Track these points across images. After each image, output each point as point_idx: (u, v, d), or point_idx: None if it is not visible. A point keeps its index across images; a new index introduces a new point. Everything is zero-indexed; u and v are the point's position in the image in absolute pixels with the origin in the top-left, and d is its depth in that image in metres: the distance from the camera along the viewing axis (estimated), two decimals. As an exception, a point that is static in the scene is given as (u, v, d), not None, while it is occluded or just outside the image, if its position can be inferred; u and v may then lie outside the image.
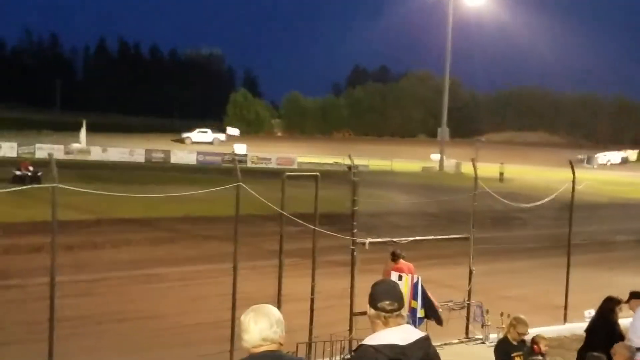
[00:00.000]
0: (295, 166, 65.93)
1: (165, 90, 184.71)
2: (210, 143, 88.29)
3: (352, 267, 13.60)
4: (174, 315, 16.19)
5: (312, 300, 13.17)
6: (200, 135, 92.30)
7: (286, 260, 13.22)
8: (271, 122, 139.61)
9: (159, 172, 53.79)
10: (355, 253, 13.63)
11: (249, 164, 64.27)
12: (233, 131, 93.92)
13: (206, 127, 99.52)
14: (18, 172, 39.84)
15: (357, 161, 14.80)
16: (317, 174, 13.87)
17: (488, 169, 43.17)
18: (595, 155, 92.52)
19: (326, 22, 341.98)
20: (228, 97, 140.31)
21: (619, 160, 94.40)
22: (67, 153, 62.24)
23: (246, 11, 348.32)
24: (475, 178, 15.41)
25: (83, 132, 69.47)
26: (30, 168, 40.12)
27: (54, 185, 10.61)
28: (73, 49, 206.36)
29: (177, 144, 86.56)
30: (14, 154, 60.16)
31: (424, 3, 78.30)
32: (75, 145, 66.95)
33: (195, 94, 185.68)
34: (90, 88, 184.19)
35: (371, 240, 13.85)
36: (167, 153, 68.36)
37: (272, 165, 66.48)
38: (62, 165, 11.47)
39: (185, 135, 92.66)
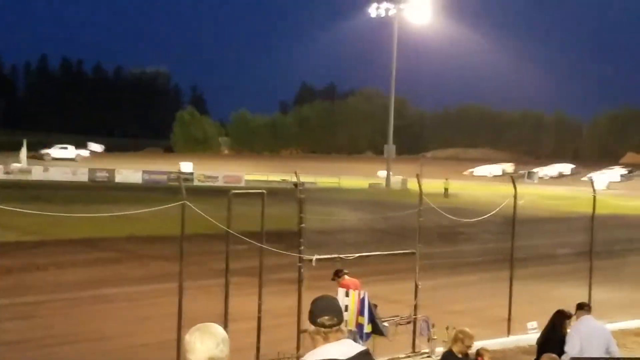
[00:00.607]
0: (242, 184, 65.82)
1: (110, 109, 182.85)
2: (73, 159, 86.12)
3: (300, 284, 13.62)
4: (121, 336, 15.99)
5: (259, 319, 13.16)
6: (61, 152, 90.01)
7: (233, 278, 13.19)
8: (218, 140, 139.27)
9: (104, 191, 53.18)
10: (302, 270, 13.66)
11: (196, 182, 63.93)
12: (96, 147, 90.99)
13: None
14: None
15: (305, 178, 14.89)
16: (264, 191, 13.89)
17: (433, 184, 43.64)
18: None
19: (274, 40, 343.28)
20: (174, 116, 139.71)
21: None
22: (6, 173, 61.17)
23: (192, 29, 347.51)
24: (420, 194, 15.58)
25: (24, 152, 68.41)
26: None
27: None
28: (14, 66, 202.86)
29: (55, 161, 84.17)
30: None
31: (371, 21, 78.95)
32: (16, 165, 65.85)
33: (141, 112, 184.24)
34: (32, 107, 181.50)
35: (318, 257, 13.89)
36: (111, 172, 67.67)
37: (219, 183, 66.28)
38: (2, 185, 11.31)
39: (44, 151, 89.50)
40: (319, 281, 14.50)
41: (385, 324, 13.45)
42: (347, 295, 12.48)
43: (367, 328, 12.66)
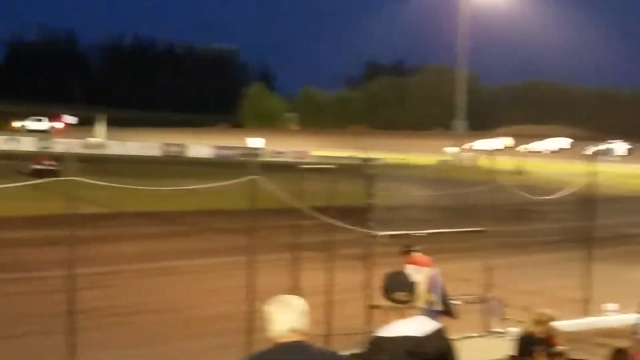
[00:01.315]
0: (309, 159, 65.93)
1: (180, 85, 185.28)
2: (46, 131, 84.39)
3: (369, 260, 13.55)
4: (190, 307, 16.21)
5: (329, 294, 13.14)
6: (36, 124, 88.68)
7: (302, 253, 13.19)
8: (286, 116, 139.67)
9: (175, 166, 53.94)
10: (371, 246, 13.58)
11: (265, 158, 64.37)
12: (70, 119, 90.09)
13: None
14: (37, 166, 40.10)
15: (373, 154, 14.77)
16: (333, 166, 13.82)
17: (505, 161, 42.98)
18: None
19: (341, 16, 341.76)
20: (243, 92, 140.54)
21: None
22: (85, 147, 62.50)
23: (261, 6, 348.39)
24: (493, 171, 15.32)
25: (100, 127, 69.78)
26: (47, 162, 40.31)
27: (73, 178, 10.64)
28: (90, 45, 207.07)
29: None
30: (34, 148, 60.46)
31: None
32: (93, 140, 67.24)
33: (211, 88, 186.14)
34: (107, 83, 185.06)
35: (387, 233, 13.78)
36: (183, 147, 68.51)
37: (288, 158, 66.52)
38: (80, 159, 11.50)
39: (19, 123, 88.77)
40: (387, 257, 14.42)
41: (456, 302, 13.29)
42: (416, 272, 12.35)
43: (438, 306, 12.53)
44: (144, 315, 15.56)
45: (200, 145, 71.05)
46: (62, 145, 59.87)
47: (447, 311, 12.91)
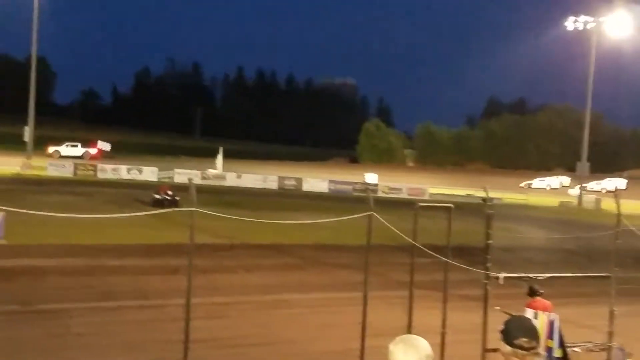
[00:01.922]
0: (426, 197, 65.39)
1: (299, 118, 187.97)
2: (81, 157, 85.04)
3: (485, 301, 13.26)
4: (304, 341, 16.25)
5: (443, 334, 12.91)
6: (70, 149, 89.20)
7: (416, 291, 13.04)
8: (403, 152, 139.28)
9: (291, 199, 54.56)
10: (488, 287, 13.29)
11: (380, 194, 64.23)
12: (104, 145, 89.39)
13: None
14: (157, 196, 41.33)
15: (491, 193, 14.48)
16: (451, 205, 13.65)
17: (632, 205, 41.40)
18: None
19: (461, 53, 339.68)
20: (360, 127, 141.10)
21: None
22: (203, 178, 64.08)
23: (381, 42, 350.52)
24: (619, 214, 14.75)
25: (220, 158, 71.41)
26: (169, 192, 41.53)
27: (193, 209, 10.87)
28: (213, 78, 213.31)
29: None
30: (154, 179, 62.47)
31: (564, 35, 76.30)
32: (212, 171, 68.87)
33: (329, 123, 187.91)
34: (228, 116, 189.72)
35: (506, 275, 13.45)
36: (299, 180, 69.28)
37: (403, 195, 66.19)
38: (199, 190, 11.77)
39: (53, 148, 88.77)
40: (503, 299, 14.08)
41: (577, 349, 12.81)
42: (535, 317, 11.98)
43: (557, 352, 12.10)
44: (259, 347, 15.69)
45: (315, 179, 71.74)
46: (182, 176, 61.64)
47: (565, 358, 12.46)
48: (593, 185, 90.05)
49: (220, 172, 69.32)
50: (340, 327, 16.55)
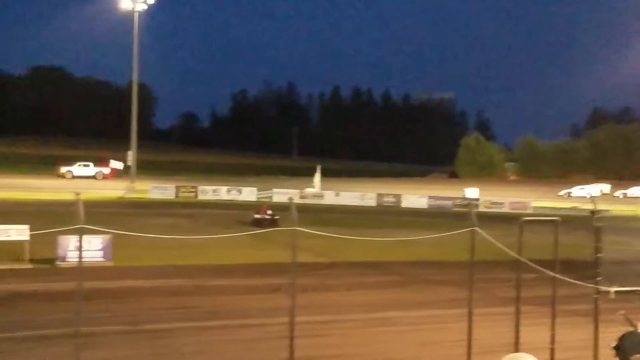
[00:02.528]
0: (529, 211, 64.00)
1: (396, 135, 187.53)
2: (94, 177, 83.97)
3: (596, 317, 12.84)
4: (405, 359, 16.07)
5: (552, 350, 12.56)
6: (82, 169, 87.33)
7: (522, 307, 12.74)
8: (504, 166, 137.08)
9: (390, 216, 54.36)
10: (598, 302, 12.86)
11: (482, 208, 63.28)
12: (116, 164, 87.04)
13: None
14: (257, 216, 41.88)
15: (599, 206, 14.05)
16: (557, 218, 13.30)
17: None
18: None
19: (561, 63, 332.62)
20: (460, 141, 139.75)
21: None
22: (302, 197, 64.53)
23: (479, 54, 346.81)
24: None
25: (317, 177, 71.81)
26: (269, 212, 42.01)
27: (294, 228, 10.93)
28: (309, 96, 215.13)
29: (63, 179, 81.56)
30: (253, 199, 63.30)
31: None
32: (310, 190, 69.32)
33: (427, 138, 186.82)
34: (325, 134, 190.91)
35: (617, 289, 13.00)
36: (398, 197, 68.98)
37: (505, 209, 64.99)
38: (298, 209, 11.84)
39: (65, 169, 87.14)
40: (615, 315, 13.61)
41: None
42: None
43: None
44: (361, 365, 15.61)
45: (414, 195, 71.32)
46: (281, 195, 62.26)
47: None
48: None
49: (319, 190, 69.70)
50: (444, 345, 16.33)
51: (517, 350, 11.88)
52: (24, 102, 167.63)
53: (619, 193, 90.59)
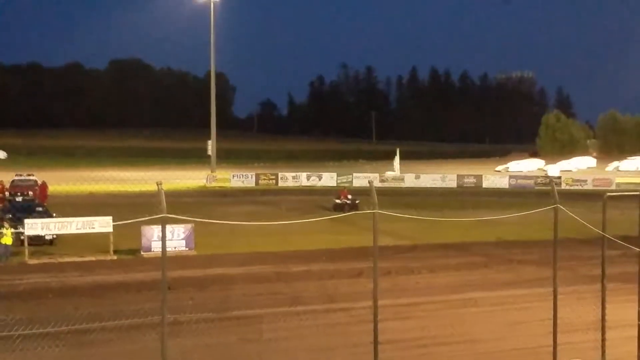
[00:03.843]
0: (613, 187, 62.46)
1: (476, 115, 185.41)
2: None
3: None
4: (492, 340, 15.98)
5: (640, 327, 12.30)
6: None
7: (608, 284, 12.50)
8: (586, 143, 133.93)
9: (471, 197, 53.85)
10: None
11: (564, 186, 62.05)
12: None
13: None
14: (338, 201, 42.07)
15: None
16: (642, 193, 12.98)
17: None
18: None
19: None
20: (540, 119, 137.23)
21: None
22: (382, 181, 64.38)
23: (557, 30, 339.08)
24: None
25: (397, 160, 71.49)
26: (349, 196, 42.14)
27: (375, 211, 10.92)
28: (387, 80, 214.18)
29: None
30: (333, 184, 63.43)
31: None
32: (390, 173, 69.10)
33: (506, 118, 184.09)
34: (403, 117, 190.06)
35: None
36: (478, 178, 68.21)
37: (588, 186, 63.58)
38: (378, 192, 11.83)
39: None
40: None
41: None
42: None
43: None
44: (447, 346, 15.58)
45: (495, 176, 70.38)
46: (360, 179, 62.21)
47: None
48: None
49: (398, 173, 69.41)
50: (529, 324, 16.17)
51: (603, 327, 11.69)
52: (105, 95, 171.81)
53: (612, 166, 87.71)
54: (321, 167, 77.31)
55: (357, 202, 40.51)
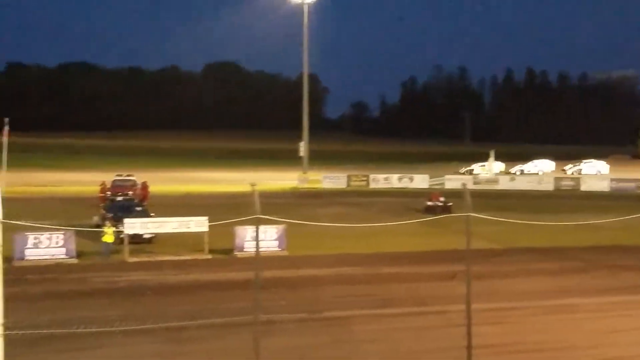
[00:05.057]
0: None
1: (573, 116, 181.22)
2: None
3: None
4: (587, 347, 15.54)
5: None
6: None
7: None
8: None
9: (569, 200, 52.60)
10: None
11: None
12: None
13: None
14: (430, 203, 41.78)
15: None
16: None
17: None
18: None
19: None
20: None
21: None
22: (475, 183, 63.57)
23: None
24: None
25: (491, 162, 70.47)
26: (441, 199, 41.78)
27: (468, 214, 10.80)
28: (481, 81, 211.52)
29: None
30: (425, 186, 62.96)
31: None
32: (484, 175, 68.18)
33: (606, 118, 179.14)
34: (498, 118, 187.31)
35: None
36: (576, 180, 66.60)
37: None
38: (471, 194, 11.68)
39: None
40: None
41: None
42: None
43: None
44: (541, 353, 15.23)
45: (594, 178, 68.56)
46: (453, 182, 61.55)
47: None
48: None
49: (493, 175, 68.41)
50: (629, 333, 15.70)
51: None
52: (200, 98, 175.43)
53: None
54: (413, 169, 76.86)
55: (449, 204, 40.11)
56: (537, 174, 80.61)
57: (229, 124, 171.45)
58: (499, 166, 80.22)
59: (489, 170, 70.16)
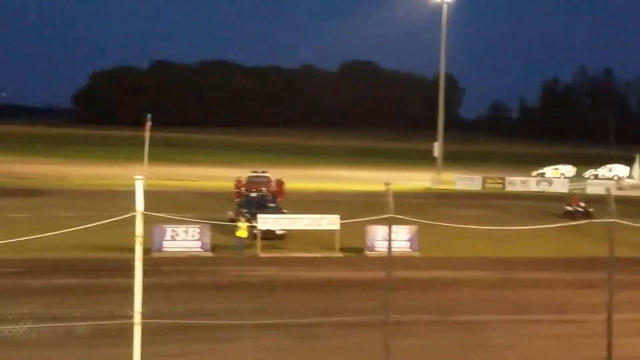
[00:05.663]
0: None
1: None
2: None
3: None
4: None
5: None
6: None
7: None
8: None
9: None
10: None
11: None
12: None
13: None
14: (569, 208, 40.40)
15: None
16: None
17: None
18: None
19: None
20: None
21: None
22: (619, 189, 61.03)
23: None
24: None
25: (637, 167, 67.53)
26: (581, 204, 40.30)
27: (611, 220, 10.28)
28: (626, 83, 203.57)
29: None
30: (564, 190, 60.96)
31: None
32: (628, 181, 65.41)
33: None
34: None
35: None
36: None
37: None
38: (615, 200, 11.08)
39: None
40: None
41: None
42: None
43: None
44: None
45: None
46: (595, 186, 59.25)
47: None
48: None
49: (638, 181, 65.50)
50: None
51: None
52: (337, 96, 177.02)
53: None
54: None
55: (590, 210, 38.63)
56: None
57: (363, 122, 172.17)
58: None
59: (635, 176, 67.18)
